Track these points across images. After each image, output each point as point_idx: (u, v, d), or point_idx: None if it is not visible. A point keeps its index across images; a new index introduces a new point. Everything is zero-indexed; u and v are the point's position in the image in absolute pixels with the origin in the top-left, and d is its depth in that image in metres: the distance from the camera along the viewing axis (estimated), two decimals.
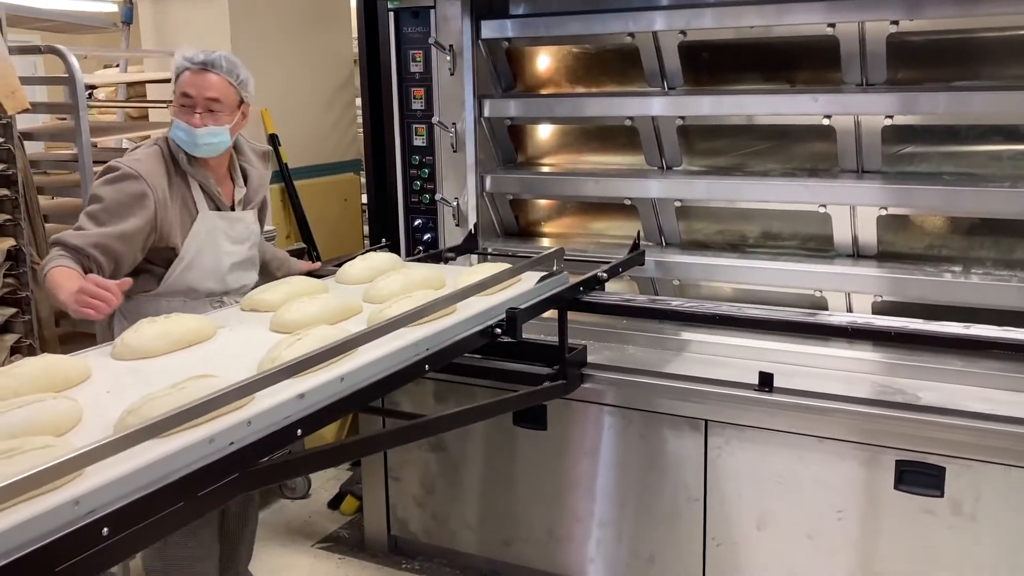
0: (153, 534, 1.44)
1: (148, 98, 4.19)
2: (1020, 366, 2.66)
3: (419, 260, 3.27)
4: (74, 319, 3.09)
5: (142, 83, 4.23)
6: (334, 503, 3.99)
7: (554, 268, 2.77)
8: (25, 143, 2.80)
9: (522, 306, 2.43)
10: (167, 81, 3.49)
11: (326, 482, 4.19)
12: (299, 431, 1.75)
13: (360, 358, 1.95)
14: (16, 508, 1.28)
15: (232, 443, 1.61)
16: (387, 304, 2.28)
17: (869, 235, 3.04)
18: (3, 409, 1.56)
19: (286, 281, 2.56)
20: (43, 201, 3.01)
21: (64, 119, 3.40)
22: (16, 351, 2.73)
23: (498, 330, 2.36)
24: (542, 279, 2.68)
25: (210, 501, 1.56)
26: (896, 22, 2.81)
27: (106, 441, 1.39)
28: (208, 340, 2.15)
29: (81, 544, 1.30)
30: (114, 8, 4.56)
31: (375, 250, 3.51)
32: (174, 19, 4.29)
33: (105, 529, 1.32)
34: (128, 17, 4.45)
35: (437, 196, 3.56)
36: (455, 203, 3.54)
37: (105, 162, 3.23)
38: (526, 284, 2.64)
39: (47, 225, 2.96)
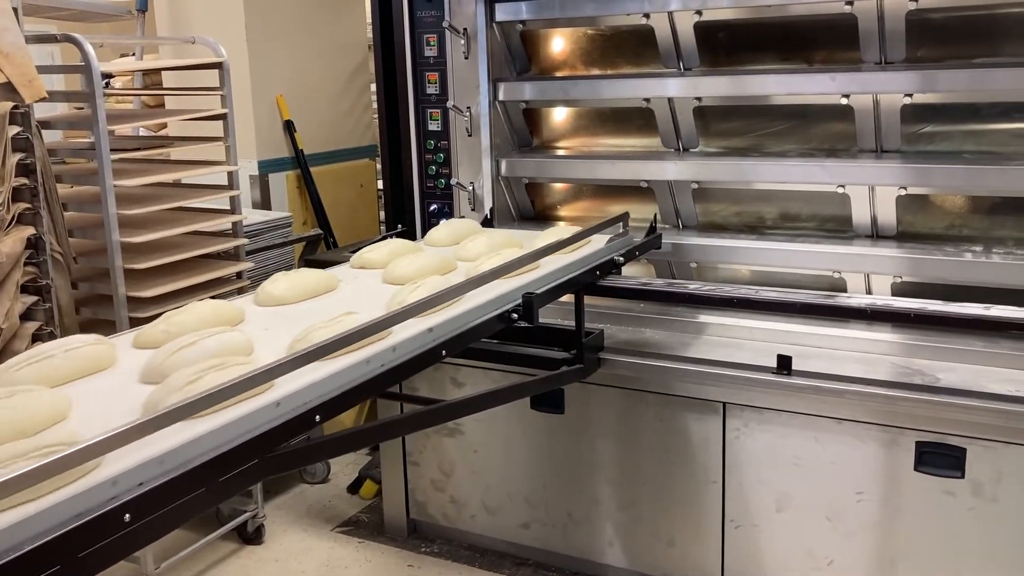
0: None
1: (164, 86, 4.20)
2: None
3: None
4: (95, 307, 3.13)
5: (158, 71, 4.24)
6: (353, 487, 4.01)
7: (621, 230, 3.00)
8: (43, 132, 2.81)
9: (538, 291, 2.43)
10: (182, 68, 3.50)
11: (345, 467, 4.22)
12: (443, 353, 2.07)
13: (461, 305, 2.20)
14: (227, 410, 1.56)
15: (383, 365, 1.91)
16: (479, 261, 2.55)
17: (888, 215, 3.01)
18: (197, 338, 1.85)
19: (387, 243, 2.85)
20: (62, 189, 3.02)
21: (81, 107, 3.41)
22: (37, 338, 2.75)
23: (515, 315, 2.37)
24: (611, 240, 2.91)
25: (233, 485, 1.58)
26: None
27: (298, 354, 1.69)
28: (333, 291, 2.44)
29: (106, 527, 1.32)
30: None
31: (391, 236, 3.52)
32: (189, 5, 4.29)
33: (127, 515, 1.33)
34: (143, 5, 4.45)
35: (452, 181, 3.56)
36: (471, 188, 3.53)
37: (122, 150, 3.25)
38: (596, 245, 2.87)
39: (66, 213, 2.97)
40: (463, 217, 3.53)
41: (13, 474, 1.21)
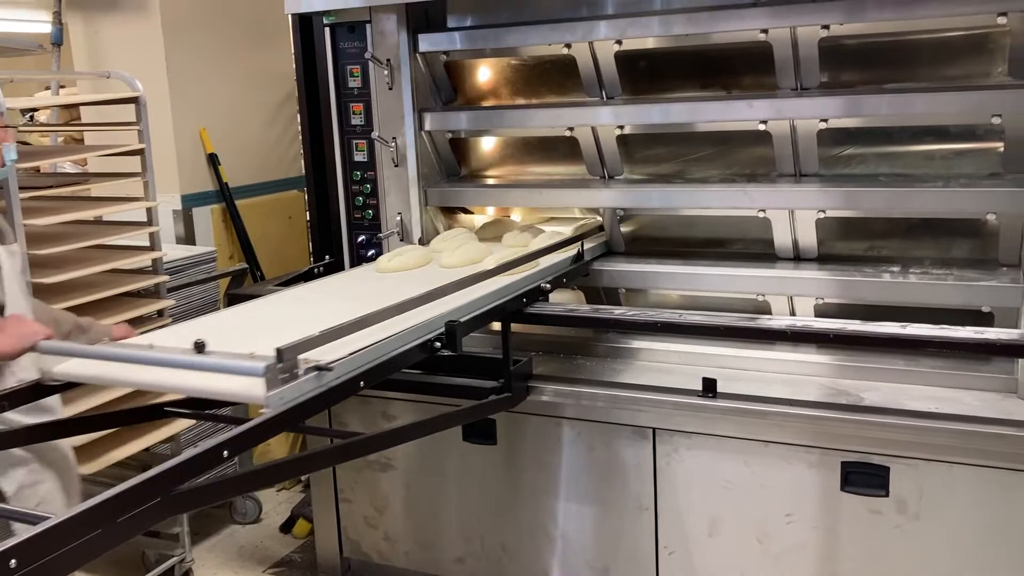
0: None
1: (83, 121, 4.10)
2: (959, 363, 2.69)
3: None
4: None
5: (77, 106, 4.14)
6: (286, 527, 3.92)
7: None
8: None
9: (462, 319, 2.41)
10: (95, 104, 3.43)
11: (277, 506, 4.12)
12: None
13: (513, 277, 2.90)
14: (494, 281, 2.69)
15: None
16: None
17: (809, 238, 3.06)
18: (468, 239, 3.24)
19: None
20: None
21: None
22: None
23: (437, 343, 2.34)
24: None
25: (141, 523, 1.52)
26: (827, 26, 2.84)
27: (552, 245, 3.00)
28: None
29: None
30: (45, 29, 4.46)
31: (319, 267, 3.48)
32: (106, 39, 4.20)
33: (13, 561, 1.27)
34: (58, 38, 4.35)
35: (380, 211, 3.53)
36: (399, 218, 3.50)
37: (36, 187, 3.15)
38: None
39: None
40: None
41: (510, 259, 2.73)
